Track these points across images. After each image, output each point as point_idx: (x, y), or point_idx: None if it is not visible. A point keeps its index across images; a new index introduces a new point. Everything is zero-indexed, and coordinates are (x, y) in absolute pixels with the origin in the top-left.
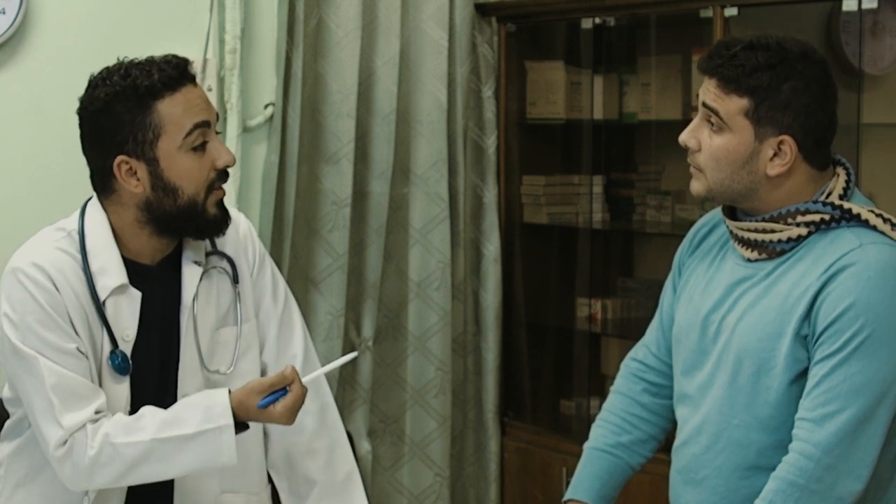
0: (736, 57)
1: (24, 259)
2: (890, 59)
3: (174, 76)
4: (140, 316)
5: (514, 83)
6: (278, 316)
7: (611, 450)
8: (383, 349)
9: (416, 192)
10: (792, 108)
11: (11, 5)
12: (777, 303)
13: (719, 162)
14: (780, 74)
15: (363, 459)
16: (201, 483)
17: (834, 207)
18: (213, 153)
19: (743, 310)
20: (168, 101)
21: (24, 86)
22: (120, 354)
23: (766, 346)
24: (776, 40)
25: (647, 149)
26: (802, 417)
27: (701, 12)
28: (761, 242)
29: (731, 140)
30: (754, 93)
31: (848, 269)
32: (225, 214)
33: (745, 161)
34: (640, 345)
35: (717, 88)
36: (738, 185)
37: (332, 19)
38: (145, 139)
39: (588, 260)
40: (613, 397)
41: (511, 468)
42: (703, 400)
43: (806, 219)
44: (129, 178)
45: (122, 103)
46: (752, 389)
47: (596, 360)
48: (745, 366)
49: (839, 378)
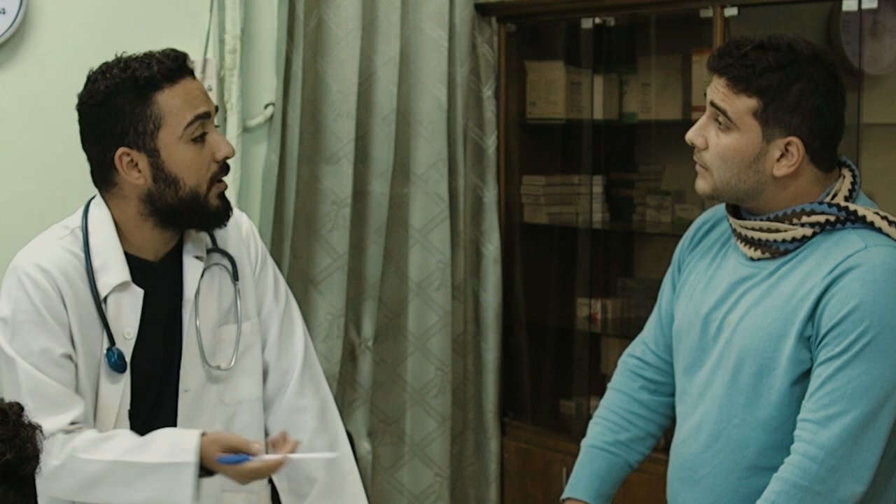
0: (746, 57)
1: (28, 259)
2: (890, 59)
3: (173, 68)
4: (142, 313)
5: (514, 83)
6: (279, 315)
7: (609, 448)
8: (383, 349)
9: (416, 192)
10: (800, 110)
11: (11, 5)
12: (780, 303)
13: (726, 161)
14: (789, 76)
15: (363, 459)
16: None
17: (839, 209)
18: (213, 145)
19: (745, 309)
20: (168, 92)
21: (24, 85)
22: (116, 352)
23: (768, 346)
24: (787, 41)
25: (647, 149)
26: (805, 419)
27: (701, 12)
28: (765, 242)
29: (739, 140)
30: (763, 93)
31: (853, 271)
32: (227, 206)
33: (752, 161)
34: (637, 341)
35: (727, 88)
36: (745, 184)
37: (332, 19)
38: (146, 130)
39: (588, 260)
40: (611, 394)
41: (511, 468)
42: (703, 398)
43: (811, 219)
44: (130, 169)
45: (121, 95)
46: (753, 389)
47: (596, 360)
48: (746, 366)
49: (843, 380)
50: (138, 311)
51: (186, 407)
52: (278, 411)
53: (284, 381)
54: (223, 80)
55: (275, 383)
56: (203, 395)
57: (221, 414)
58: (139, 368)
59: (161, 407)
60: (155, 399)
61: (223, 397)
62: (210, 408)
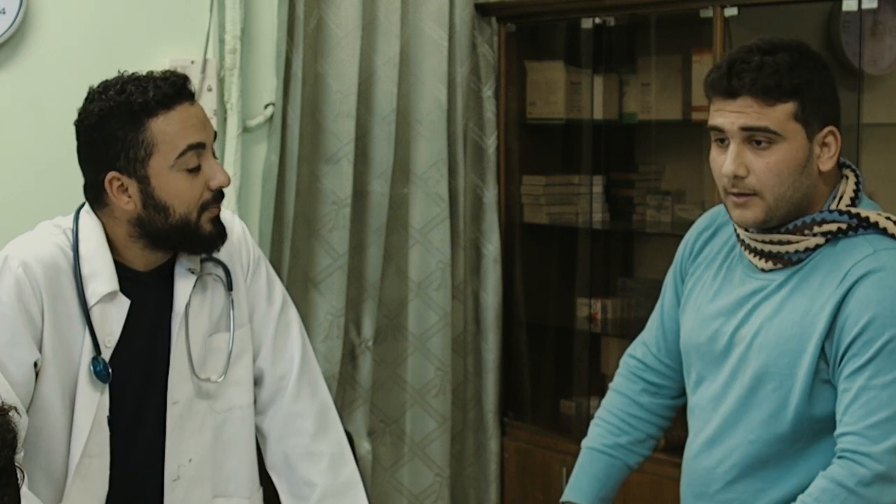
0: (765, 66)
1: (19, 252)
2: (890, 59)
3: (169, 94)
4: (126, 322)
5: (514, 83)
6: (274, 318)
7: (609, 451)
8: (383, 349)
9: (416, 193)
10: (827, 97)
11: (11, 5)
12: (797, 317)
13: (781, 176)
14: (807, 68)
15: (363, 459)
16: (193, 488)
17: (851, 216)
18: (208, 173)
19: (759, 324)
20: (162, 119)
21: (24, 85)
22: (101, 361)
23: (786, 363)
24: (777, 39)
25: (647, 149)
26: (849, 432)
27: (701, 12)
28: (777, 254)
29: (789, 148)
30: (797, 93)
31: (866, 279)
32: (220, 231)
33: (804, 165)
34: (639, 342)
35: (757, 103)
36: (799, 192)
37: (332, 19)
38: (137, 157)
39: (588, 260)
40: (612, 396)
41: (511, 468)
42: (715, 413)
43: (823, 229)
44: (120, 194)
45: (115, 119)
46: (772, 406)
47: (596, 360)
48: (764, 382)
49: (878, 388)
50: (122, 320)
51: (175, 418)
52: (276, 416)
53: (281, 385)
54: (223, 80)
55: (271, 388)
56: (192, 406)
57: (211, 422)
58: (118, 377)
59: (146, 418)
60: (139, 409)
61: (213, 406)
62: (200, 416)
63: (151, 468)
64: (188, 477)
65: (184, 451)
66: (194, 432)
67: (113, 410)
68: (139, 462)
